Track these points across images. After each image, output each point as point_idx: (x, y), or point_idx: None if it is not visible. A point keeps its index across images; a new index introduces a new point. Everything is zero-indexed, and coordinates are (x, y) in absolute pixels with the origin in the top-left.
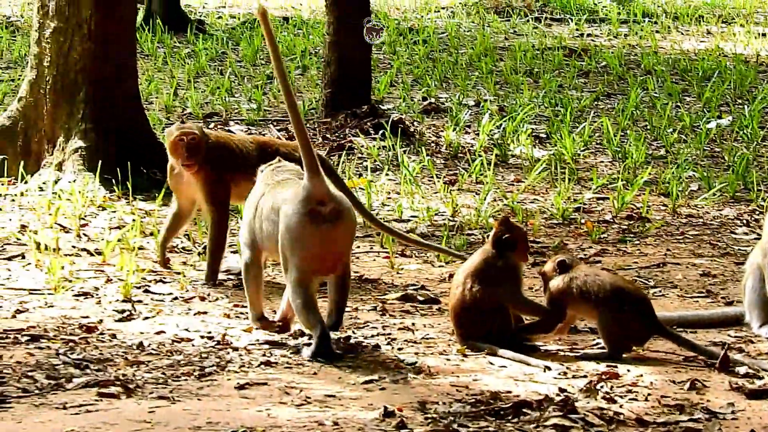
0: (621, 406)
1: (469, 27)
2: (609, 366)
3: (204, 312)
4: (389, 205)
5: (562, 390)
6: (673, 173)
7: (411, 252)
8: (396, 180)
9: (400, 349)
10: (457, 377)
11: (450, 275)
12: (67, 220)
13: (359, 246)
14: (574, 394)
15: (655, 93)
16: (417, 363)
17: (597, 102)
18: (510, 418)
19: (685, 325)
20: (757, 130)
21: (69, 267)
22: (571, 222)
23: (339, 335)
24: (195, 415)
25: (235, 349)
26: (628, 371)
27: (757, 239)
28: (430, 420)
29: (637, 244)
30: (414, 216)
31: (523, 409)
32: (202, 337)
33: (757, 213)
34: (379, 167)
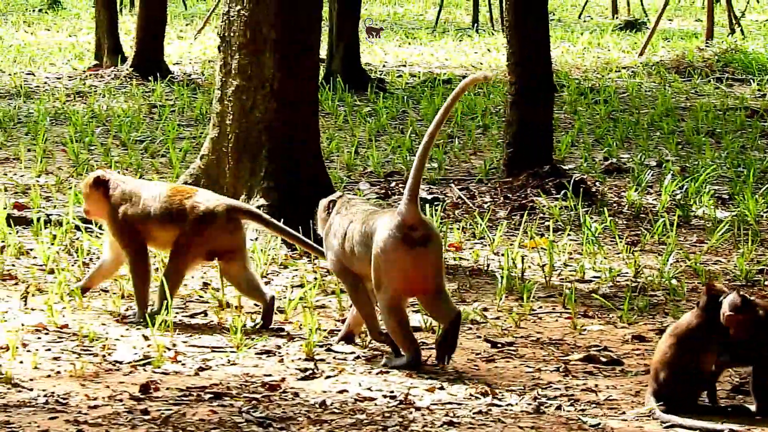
0: None
1: (650, 87)
2: None
3: (386, 372)
4: (571, 266)
5: None
6: None
7: (594, 313)
8: (578, 240)
9: (582, 411)
10: None
11: (633, 336)
12: None
13: (540, 306)
14: None
15: None
16: (600, 425)
17: None
18: None
19: None
20: None
21: (251, 325)
22: (755, 284)
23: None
24: None
25: (418, 409)
26: None
27: None
28: None
29: None
30: (596, 276)
31: None
32: (384, 397)
33: None
34: (561, 227)
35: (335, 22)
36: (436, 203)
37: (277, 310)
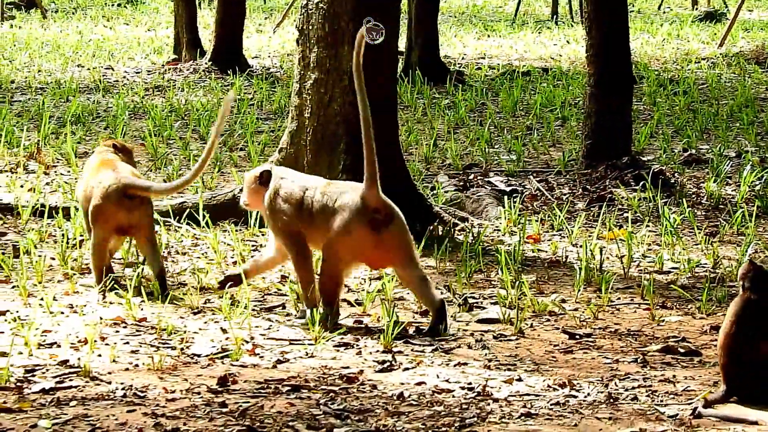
0: None
1: (730, 78)
2: None
3: (464, 363)
4: (649, 257)
5: None
6: None
7: (672, 304)
8: (656, 231)
9: (660, 401)
10: (719, 430)
11: (711, 327)
12: None
13: (619, 297)
14: None
15: None
16: (678, 415)
17: None
18: None
19: None
20: None
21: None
22: None
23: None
24: None
25: (496, 400)
26: None
27: None
28: None
29: None
30: (675, 268)
31: None
32: (462, 388)
33: None
34: (639, 219)
35: (414, 14)
36: (514, 195)
37: (355, 302)
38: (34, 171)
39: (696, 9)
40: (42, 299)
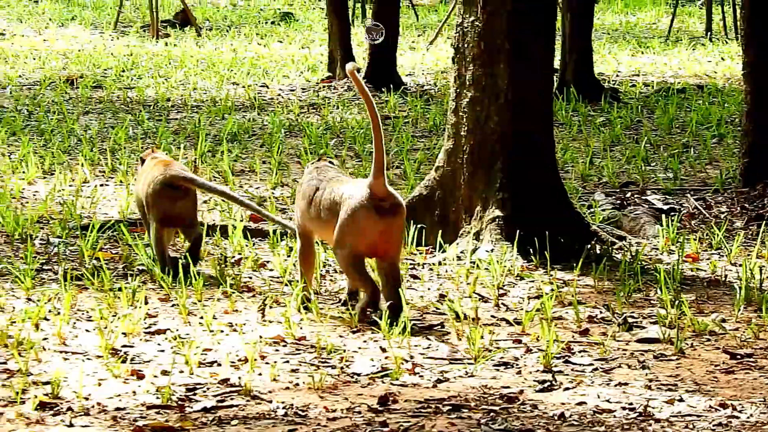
0: None
1: None
2: None
3: (625, 383)
4: None
5: None
6: None
7: None
8: None
9: None
10: None
11: None
12: (485, 289)
13: None
14: None
15: None
16: None
17: None
18: None
19: None
20: None
21: (488, 336)
22: None
23: None
24: None
25: (657, 421)
26: None
27: None
28: None
29: None
30: None
31: None
32: (623, 408)
33: None
34: None
35: (568, 31)
36: (672, 213)
37: (514, 321)
38: None
39: None
40: (202, 318)
